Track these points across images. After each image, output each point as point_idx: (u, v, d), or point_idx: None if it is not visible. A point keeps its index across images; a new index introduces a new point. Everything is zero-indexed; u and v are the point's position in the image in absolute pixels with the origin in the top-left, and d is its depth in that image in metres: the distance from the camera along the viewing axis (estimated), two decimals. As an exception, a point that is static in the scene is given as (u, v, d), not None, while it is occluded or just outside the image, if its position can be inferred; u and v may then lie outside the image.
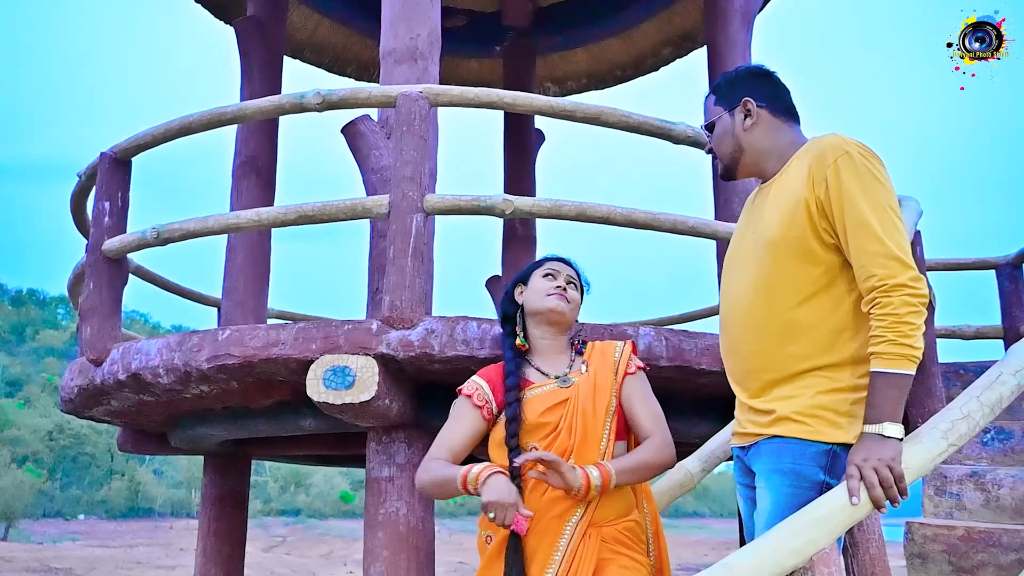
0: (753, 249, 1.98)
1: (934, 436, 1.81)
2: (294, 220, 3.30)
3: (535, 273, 2.40)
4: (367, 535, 3.39)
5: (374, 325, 3.11)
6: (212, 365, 3.23)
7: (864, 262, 1.78)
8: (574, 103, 3.53)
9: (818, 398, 1.84)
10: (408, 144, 3.26)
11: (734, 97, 2.08)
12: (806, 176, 1.87)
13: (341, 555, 26.14)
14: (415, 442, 3.43)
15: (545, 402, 2.20)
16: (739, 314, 2.00)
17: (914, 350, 1.73)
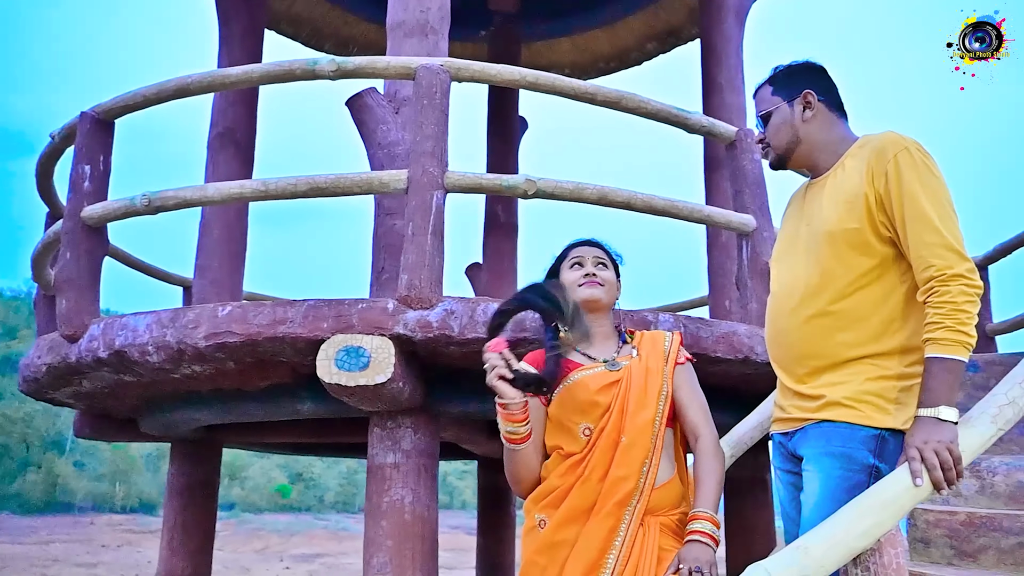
0: (808, 240, 2.06)
1: (984, 420, 1.88)
2: (305, 192, 3.22)
3: (563, 266, 2.39)
4: (368, 524, 3.32)
5: (390, 304, 3.05)
6: (210, 343, 3.13)
7: (923, 253, 1.85)
8: (596, 86, 3.53)
9: (867, 384, 1.92)
10: (429, 118, 3.22)
11: (794, 88, 2.14)
12: (865, 171, 1.95)
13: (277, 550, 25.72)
14: (422, 428, 3.38)
15: (598, 382, 2.18)
16: (792, 302, 2.06)
17: (969, 337, 1.81)
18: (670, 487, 2.15)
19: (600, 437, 2.12)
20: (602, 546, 2.02)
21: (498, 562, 6.19)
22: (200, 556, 4.93)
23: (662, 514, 2.10)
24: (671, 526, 2.10)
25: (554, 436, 2.20)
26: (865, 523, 1.67)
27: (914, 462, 1.75)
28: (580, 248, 2.39)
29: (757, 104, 2.22)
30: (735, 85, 5.44)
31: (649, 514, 2.09)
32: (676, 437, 2.24)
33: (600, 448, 2.11)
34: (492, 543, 6.23)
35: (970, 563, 2.69)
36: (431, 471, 3.43)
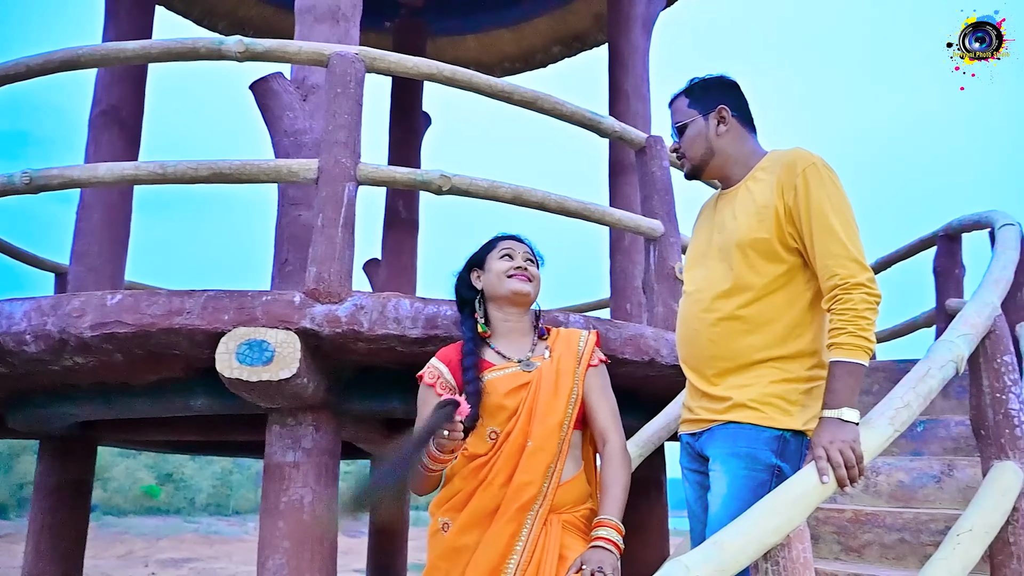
0: (720, 248, 2.16)
1: (883, 422, 2.02)
2: (206, 177, 3.11)
3: (491, 255, 2.37)
4: (264, 524, 3.24)
5: (297, 298, 2.99)
6: (97, 334, 2.98)
7: (828, 263, 1.98)
8: (513, 85, 3.56)
9: (771, 387, 2.04)
10: (343, 108, 3.17)
11: (709, 102, 2.24)
12: (775, 185, 2.07)
13: (142, 555, 24.57)
14: (324, 425, 3.32)
15: (507, 384, 2.18)
16: (703, 305, 2.16)
17: (869, 342, 1.94)
18: (575, 484, 2.17)
19: (506, 441, 2.13)
20: (503, 551, 2.04)
21: (389, 563, 6.13)
22: (70, 561, 4.69)
23: (566, 511, 2.13)
24: (576, 523, 2.13)
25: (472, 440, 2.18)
26: (776, 519, 1.74)
27: (820, 461, 1.85)
28: (510, 241, 2.39)
29: (673, 115, 2.30)
30: (641, 93, 5.59)
31: (553, 512, 2.11)
32: (584, 437, 2.28)
33: (505, 452, 2.12)
34: (384, 544, 6.17)
35: (855, 558, 2.86)
36: (332, 470, 3.37)
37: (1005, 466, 2.29)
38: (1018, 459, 2.30)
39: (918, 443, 3.36)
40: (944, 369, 2.12)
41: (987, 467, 2.36)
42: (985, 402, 2.36)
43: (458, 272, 2.46)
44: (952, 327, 2.28)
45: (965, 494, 2.88)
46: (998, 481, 2.24)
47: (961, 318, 2.30)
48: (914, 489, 3.00)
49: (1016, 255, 2.77)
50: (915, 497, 3.00)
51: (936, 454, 3.31)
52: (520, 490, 2.09)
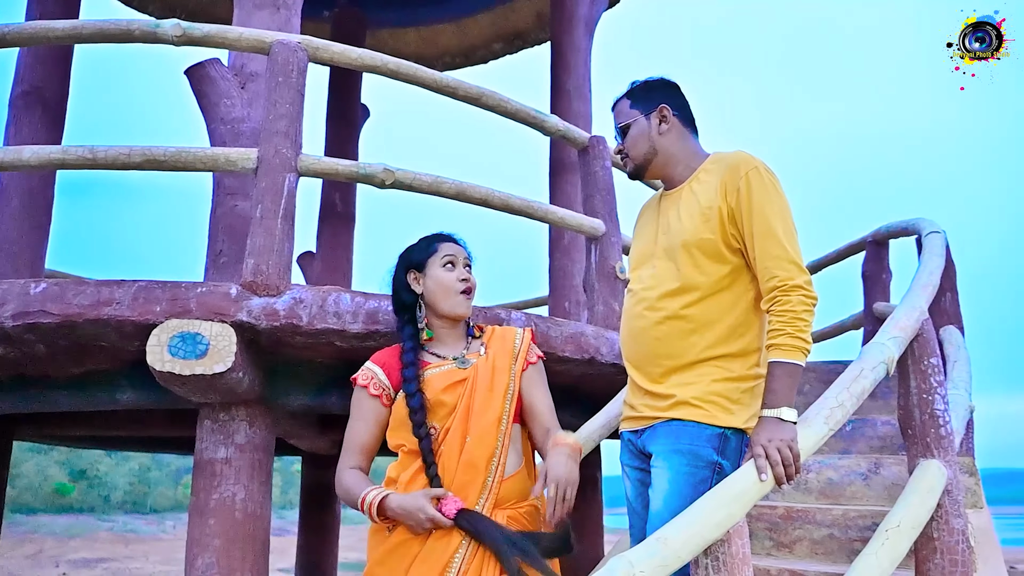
0: (666, 248, 2.21)
1: (819, 422, 2.09)
2: (139, 164, 3.03)
3: (432, 261, 2.37)
4: (193, 522, 3.17)
5: (233, 290, 2.94)
6: (19, 324, 2.88)
7: (768, 264, 2.04)
8: (458, 81, 3.55)
9: (713, 385, 2.09)
10: (284, 97, 3.13)
11: (651, 102, 2.29)
12: (719, 186, 2.13)
13: (53, 555, 23.79)
14: (257, 421, 3.27)
15: (443, 381, 2.22)
16: (648, 305, 2.21)
17: (806, 343, 2.01)
18: (518, 479, 2.21)
19: (446, 437, 2.17)
20: (451, 547, 2.06)
21: (318, 563, 6.06)
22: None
23: (510, 507, 2.16)
24: (520, 519, 2.17)
25: (399, 434, 2.22)
26: (718, 515, 1.79)
27: (759, 459, 1.91)
28: (450, 245, 2.40)
29: (616, 116, 2.35)
30: (583, 93, 5.64)
31: (497, 507, 2.14)
32: (524, 431, 2.31)
33: (447, 449, 2.16)
34: (314, 542, 6.09)
35: (787, 553, 2.95)
36: (265, 467, 3.32)
37: (930, 464, 2.39)
38: (942, 458, 2.41)
39: (847, 442, 3.48)
40: (876, 371, 2.21)
41: (913, 465, 2.46)
42: (912, 403, 2.46)
43: (392, 271, 2.45)
44: (883, 330, 2.37)
45: (891, 491, 2.99)
46: (923, 479, 2.34)
47: (891, 321, 2.40)
48: (843, 486, 3.11)
49: (942, 262, 2.90)
50: (843, 494, 3.11)
51: (863, 452, 3.43)
52: (464, 486, 2.12)
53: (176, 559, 22.73)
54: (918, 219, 3.63)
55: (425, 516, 2.03)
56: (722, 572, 1.80)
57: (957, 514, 2.33)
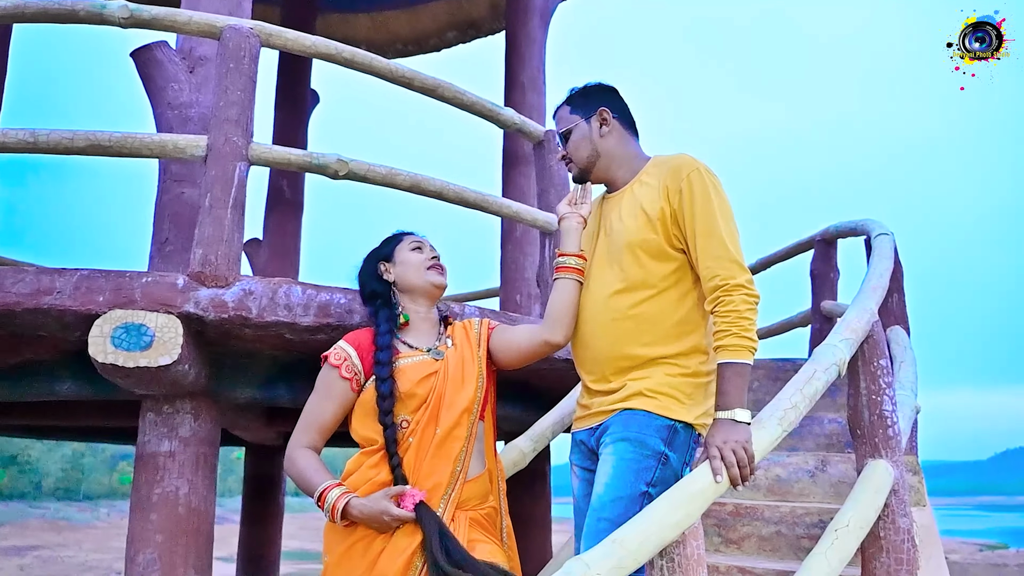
0: (609, 250, 2.23)
1: (772, 423, 2.11)
2: (82, 148, 2.93)
3: (400, 248, 2.41)
4: (135, 517, 3.10)
5: (180, 280, 2.86)
6: (-45, 311, 2.75)
7: (710, 264, 2.06)
8: (413, 71, 3.51)
9: (665, 379, 2.11)
10: (235, 84, 3.04)
11: (590, 107, 2.31)
12: (661, 188, 2.16)
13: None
14: (203, 413, 3.20)
15: (418, 372, 2.21)
16: (595, 308, 2.22)
17: (752, 342, 2.03)
18: (480, 481, 2.22)
19: (417, 428, 2.15)
20: (413, 544, 2.04)
21: (261, 554, 5.98)
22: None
23: (471, 508, 2.17)
24: (480, 521, 2.18)
25: (368, 426, 2.19)
26: (674, 516, 1.80)
27: (715, 460, 1.92)
28: (415, 236, 2.45)
29: (557, 123, 2.37)
30: (537, 85, 5.62)
31: (459, 508, 2.14)
32: (488, 430, 2.30)
33: (416, 441, 2.15)
34: (257, 533, 6.00)
35: (735, 549, 2.99)
36: (210, 461, 3.25)
37: (878, 464, 2.44)
38: (890, 458, 2.45)
39: (795, 439, 3.53)
40: (828, 372, 2.24)
41: (861, 464, 2.51)
42: (862, 403, 2.51)
43: (360, 266, 2.46)
44: (835, 332, 2.41)
45: (837, 488, 3.05)
46: (871, 479, 2.39)
47: (843, 323, 2.43)
48: (790, 483, 3.16)
49: (891, 264, 2.95)
50: (791, 491, 3.16)
51: (810, 450, 3.49)
52: (428, 481, 2.12)
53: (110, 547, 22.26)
54: (867, 220, 3.69)
55: (390, 518, 2.03)
56: (677, 573, 1.81)
57: (903, 513, 2.38)
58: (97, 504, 38.34)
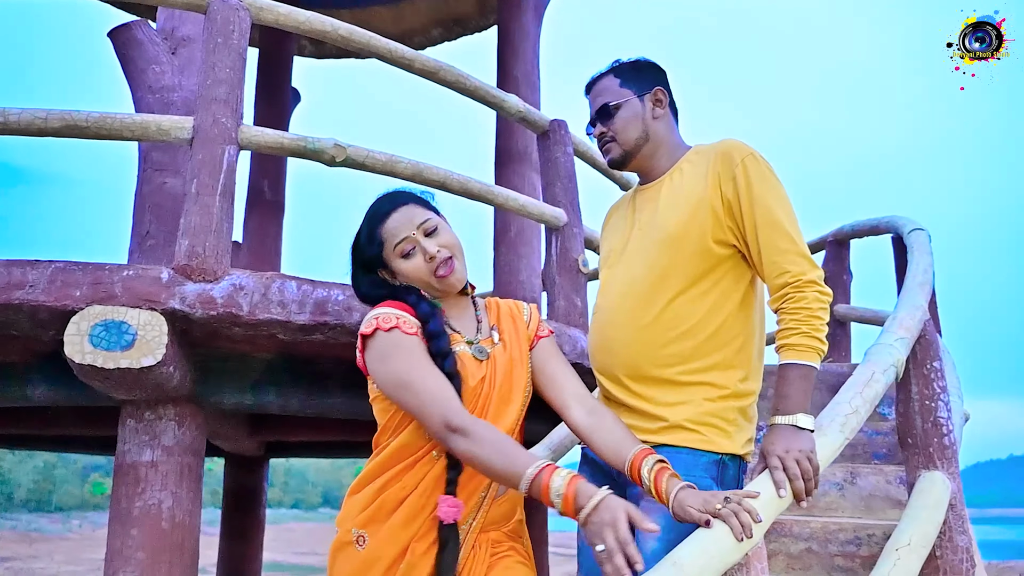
0: (642, 246, 1.98)
1: (834, 430, 1.88)
2: (57, 130, 2.68)
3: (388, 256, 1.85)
4: (114, 533, 2.84)
5: (164, 274, 2.61)
6: (-82, 307, 2.48)
7: (776, 259, 1.82)
8: (415, 53, 3.29)
9: (706, 405, 1.85)
10: (224, 61, 2.80)
11: (644, 83, 2.05)
12: (710, 176, 1.91)
13: None
14: (187, 421, 2.95)
15: (471, 371, 1.80)
16: (624, 309, 1.96)
17: (822, 344, 1.80)
18: (509, 500, 1.90)
19: None
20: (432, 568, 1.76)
21: (243, 568, 5.68)
22: None
23: (494, 529, 1.88)
24: (504, 539, 1.89)
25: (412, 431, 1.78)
26: (733, 539, 1.56)
27: (777, 472, 1.68)
28: (390, 224, 1.83)
29: (600, 95, 2.07)
30: (531, 80, 5.38)
31: (483, 531, 1.85)
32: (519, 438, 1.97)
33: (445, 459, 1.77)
34: (238, 548, 5.70)
35: (762, 568, 2.76)
36: (195, 471, 2.99)
37: (934, 476, 2.22)
38: (946, 469, 2.23)
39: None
40: (887, 374, 2.03)
41: (914, 477, 2.28)
42: (914, 409, 2.28)
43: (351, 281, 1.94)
44: (887, 331, 2.18)
45: (868, 503, 2.83)
46: (930, 492, 2.16)
47: (894, 322, 2.21)
48: (817, 497, 2.93)
49: (931, 260, 2.74)
50: (818, 505, 2.93)
51: (837, 461, 3.26)
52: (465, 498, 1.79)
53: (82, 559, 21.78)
54: (892, 217, 3.47)
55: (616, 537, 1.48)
56: None
57: (961, 530, 2.16)
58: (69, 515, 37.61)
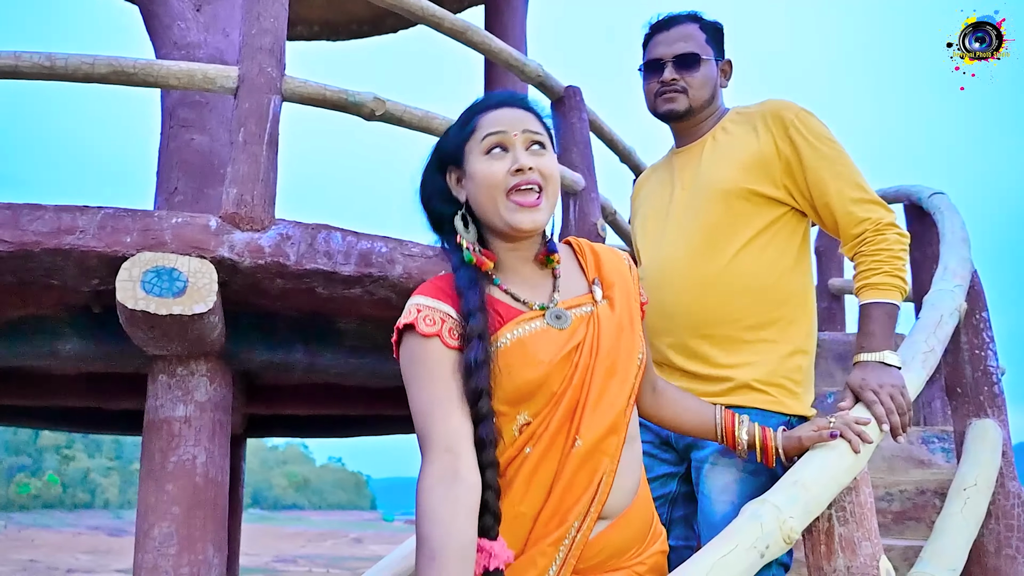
0: (689, 204, 1.93)
1: (916, 365, 1.92)
2: (104, 76, 2.60)
3: (470, 148, 1.43)
4: (147, 488, 2.77)
5: (213, 222, 2.55)
6: (-39, 253, 2.39)
7: (851, 208, 1.83)
8: (444, 12, 3.26)
9: (774, 363, 1.83)
10: (268, 10, 2.77)
11: (722, 50, 2.05)
12: (763, 133, 1.89)
13: None
14: (218, 377, 2.89)
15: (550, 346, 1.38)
16: (676, 270, 1.91)
17: (904, 284, 1.81)
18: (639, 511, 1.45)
19: (542, 435, 1.36)
20: None
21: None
22: None
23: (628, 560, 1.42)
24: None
25: None
26: (847, 460, 1.59)
27: (876, 406, 1.68)
28: (497, 114, 1.43)
29: (685, 41, 1.97)
30: (520, 54, 5.41)
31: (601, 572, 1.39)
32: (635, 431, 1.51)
33: (539, 453, 1.36)
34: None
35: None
36: (225, 428, 2.93)
37: (986, 424, 2.29)
38: (996, 417, 2.30)
39: (828, 413, 3.40)
40: (952, 316, 2.09)
41: (963, 425, 2.35)
42: (963, 359, 2.35)
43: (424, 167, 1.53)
44: (941, 278, 2.24)
45: (890, 463, 2.92)
46: (985, 437, 2.24)
47: (946, 271, 2.27)
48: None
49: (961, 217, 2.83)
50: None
51: (840, 425, 3.36)
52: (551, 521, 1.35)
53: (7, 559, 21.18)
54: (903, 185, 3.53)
55: None
56: (850, 523, 1.60)
57: (1012, 476, 2.24)
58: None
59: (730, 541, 1.38)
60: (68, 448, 60.64)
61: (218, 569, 2.83)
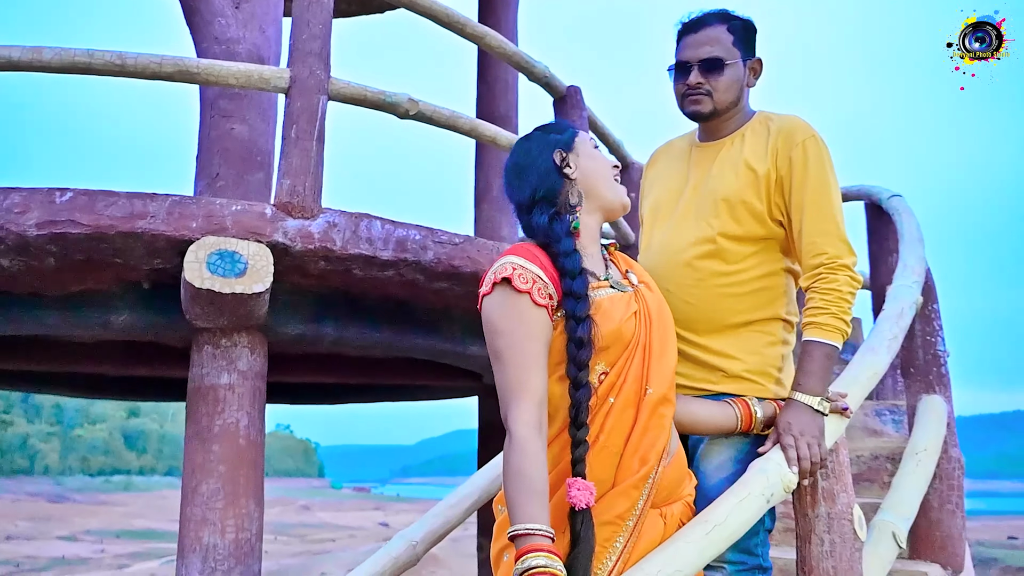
0: (697, 203, 2.00)
1: (883, 350, 2.25)
2: (169, 75, 2.85)
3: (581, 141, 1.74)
4: (194, 449, 3.06)
5: (268, 210, 2.85)
6: (44, 233, 2.67)
7: (816, 240, 1.86)
8: (467, 18, 3.56)
9: (762, 351, 1.96)
10: (316, 16, 3.04)
11: (751, 49, 2.02)
12: (769, 150, 1.94)
13: None
14: (257, 348, 3.19)
15: (619, 309, 1.61)
16: (677, 263, 2.00)
17: (847, 326, 1.88)
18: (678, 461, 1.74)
19: (623, 386, 1.58)
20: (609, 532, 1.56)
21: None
22: None
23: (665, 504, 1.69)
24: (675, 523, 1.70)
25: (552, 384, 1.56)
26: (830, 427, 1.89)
27: (790, 450, 1.79)
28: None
29: (711, 44, 1.97)
30: (512, 51, 5.70)
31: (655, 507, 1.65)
32: None
33: (620, 402, 1.58)
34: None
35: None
36: (262, 395, 3.25)
37: (934, 399, 2.70)
38: (942, 394, 2.72)
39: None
40: (911, 308, 2.46)
41: (915, 400, 2.76)
42: (917, 344, 2.77)
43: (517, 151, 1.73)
44: (902, 275, 2.59)
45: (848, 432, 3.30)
46: (933, 410, 2.65)
47: (905, 268, 2.63)
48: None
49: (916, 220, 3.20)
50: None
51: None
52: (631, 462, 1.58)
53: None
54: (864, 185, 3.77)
55: None
56: (831, 478, 1.94)
57: (954, 444, 2.65)
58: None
59: (745, 488, 1.73)
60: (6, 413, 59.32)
61: (257, 522, 3.15)
